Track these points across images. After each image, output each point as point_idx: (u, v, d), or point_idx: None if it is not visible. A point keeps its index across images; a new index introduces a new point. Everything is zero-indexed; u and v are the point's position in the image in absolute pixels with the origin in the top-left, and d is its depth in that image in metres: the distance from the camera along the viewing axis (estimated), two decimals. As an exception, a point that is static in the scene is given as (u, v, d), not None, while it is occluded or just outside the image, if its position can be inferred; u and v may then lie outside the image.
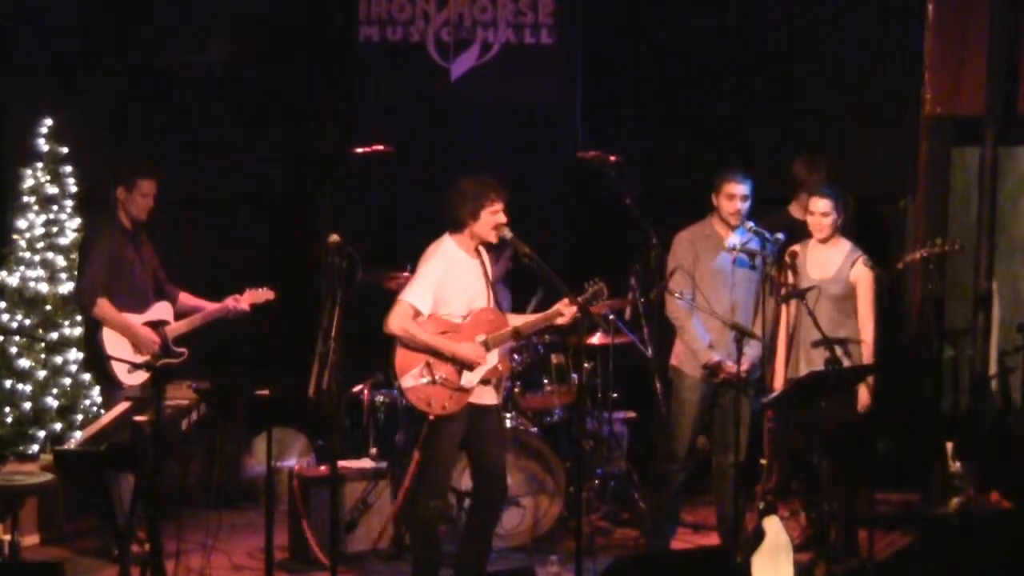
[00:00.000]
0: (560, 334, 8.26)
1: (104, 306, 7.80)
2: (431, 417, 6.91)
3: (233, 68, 9.80)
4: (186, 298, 8.19)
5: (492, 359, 7.02)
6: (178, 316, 8.09)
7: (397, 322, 6.87)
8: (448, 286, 6.94)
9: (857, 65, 9.60)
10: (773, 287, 7.64)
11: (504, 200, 6.96)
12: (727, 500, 7.70)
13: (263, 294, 8.21)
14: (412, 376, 6.88)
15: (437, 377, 6.89)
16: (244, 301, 8.15)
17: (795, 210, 8.63)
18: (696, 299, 7.62)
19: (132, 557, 6.87)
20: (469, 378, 6.94)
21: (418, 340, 6.87)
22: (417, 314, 6.89)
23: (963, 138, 9.52)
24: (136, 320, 7.90)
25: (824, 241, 7.69)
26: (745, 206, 7.66)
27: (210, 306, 8.15)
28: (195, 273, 8.54)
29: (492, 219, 6.94)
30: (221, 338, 8.40)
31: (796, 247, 7.77)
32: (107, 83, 9.41)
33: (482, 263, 7.10)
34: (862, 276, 7.58)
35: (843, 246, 7.69)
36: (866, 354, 7.54)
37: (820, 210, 7.66)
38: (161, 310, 8.04)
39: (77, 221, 8.80)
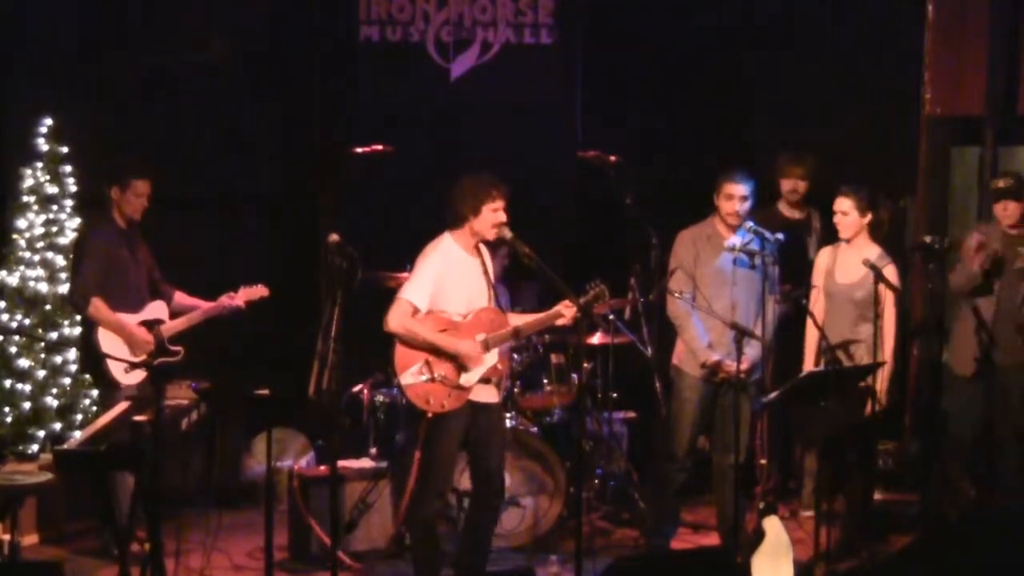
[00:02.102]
0: (560, 334, 8.27)
1: (98, 306, 7.81)
2: (429, 415, 6.91)
3: (233, 68, 9.80)
4: (182, 297, 8.20)
5: (492, 358, 7.02)
6: (174, 315, 8.10)
7: (397, 320, 6.87)
8: (447, 283, 6.94)
9: (857, 65, 9.59)
10: (772, 287, 7.65)
11: (505, 198, 6.96)
12: (727, 500, 7.70)
13: (258, 291, 8.21)
14: (411, 373, 6.88)
15: (436, 375, 6.89)
16: (239, 298, 8.16)
17: (783, 207, 8.65)
18: (696, 299, 7.62)
19: (132, 557, 6.86)
20: (468, 377, 6.94)
21: (418, 338, 6.87)
22: (416, 311, 6.89)
23: (963, 138, 9.52)
24: (131, 320, 7.90)
25: (849, 241, 7.68)
26: (744, 207, 7.66)
27: (205, 304, 8.16)
28: (195, 273, 8.54)
29: (492, 216, 6.94)
30: (221, 338, 8.40)
31: (827, 248, 7.79)
32: (107, 83, 9.41)
33: (482, 261, 7.10)
34: (887, 289, 7.54)
35: (870, 251, 7.64)
36: (886, 351, 7.52)
37: (841, 209, 7.66)
38: (156, 309, 8.04)
39: (77, 221, 8.79)
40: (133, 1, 9.67)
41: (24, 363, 8.56)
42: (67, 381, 8.65)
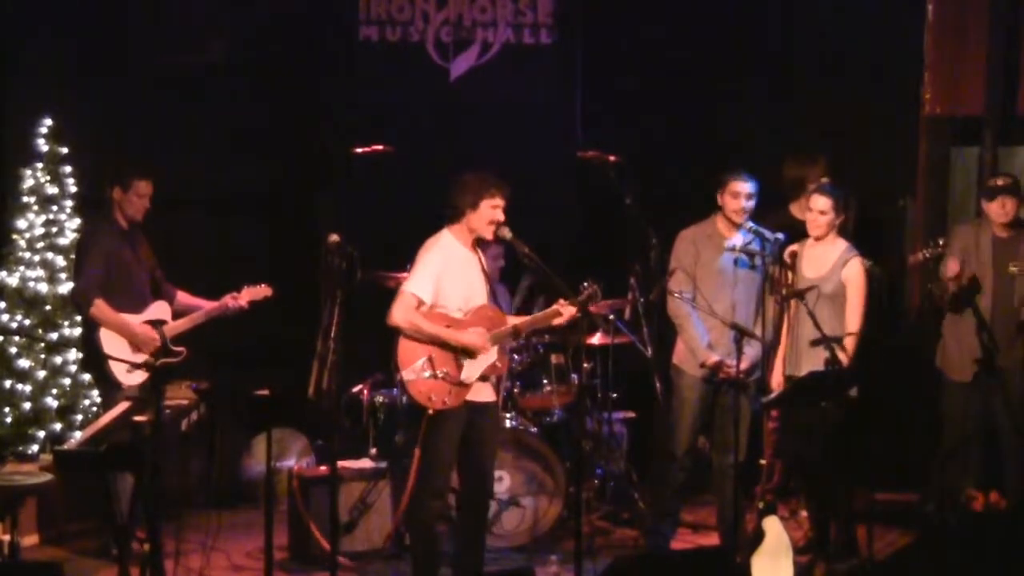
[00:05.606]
0: (560, 334, 8.27)
1: (101, 306, 7.81)
2: (430, 412, 6.91)
3: (233, 68, 9.80)
4: (184, 297, 8.20)
5: (492, 355, 7.02)
6: (176, 315, 8.10)
7: (401, 314, 6.87)
8: (446, 279, 6.95)
9: (857, 65, 9.60)
10: (773, 287, 7.65)
11: (505, 197, 6.97)
12: (727, 500, 7.70)
13: (261, 291, 8.21)
14: (413, 370, 6.89)
15: (438, 372, 6.89)
16: (242, 298, 8.15)
17: (796, 210, 8.63)
18: (696, 299, 7.62)
19: (132, 557, 6.87)
20: (469, 373, 6.95)
21: (423, 331, 6.87)
22: (420, 304, 6.89)
23: (963, 138, 9.52)
24: (134, 320, 7.90)
25: (820, 239, 7.69)
26: (750, 204, 7.69)
27: (208, 304, 8.16)
28: (195, 273, 8.54)
29: (490, 213, 6.95)
30: (221, 338, 8.40)
31: (795, 246, 7.78)
32: (107, 83, 9.41)
33: (480, 259, 7.11)
34: (853, 275, 7.56)
35: (838, 245, 7.68)
36: (848, 347, 7.51)
37: (819, 208, 7.66)
38: (159, 309, 8.04)
39: (77, 221, 8.81)
40: (134, 2, 9.67)
41: (24, 363, 8.57)
42: (67, 381, 8.66)
